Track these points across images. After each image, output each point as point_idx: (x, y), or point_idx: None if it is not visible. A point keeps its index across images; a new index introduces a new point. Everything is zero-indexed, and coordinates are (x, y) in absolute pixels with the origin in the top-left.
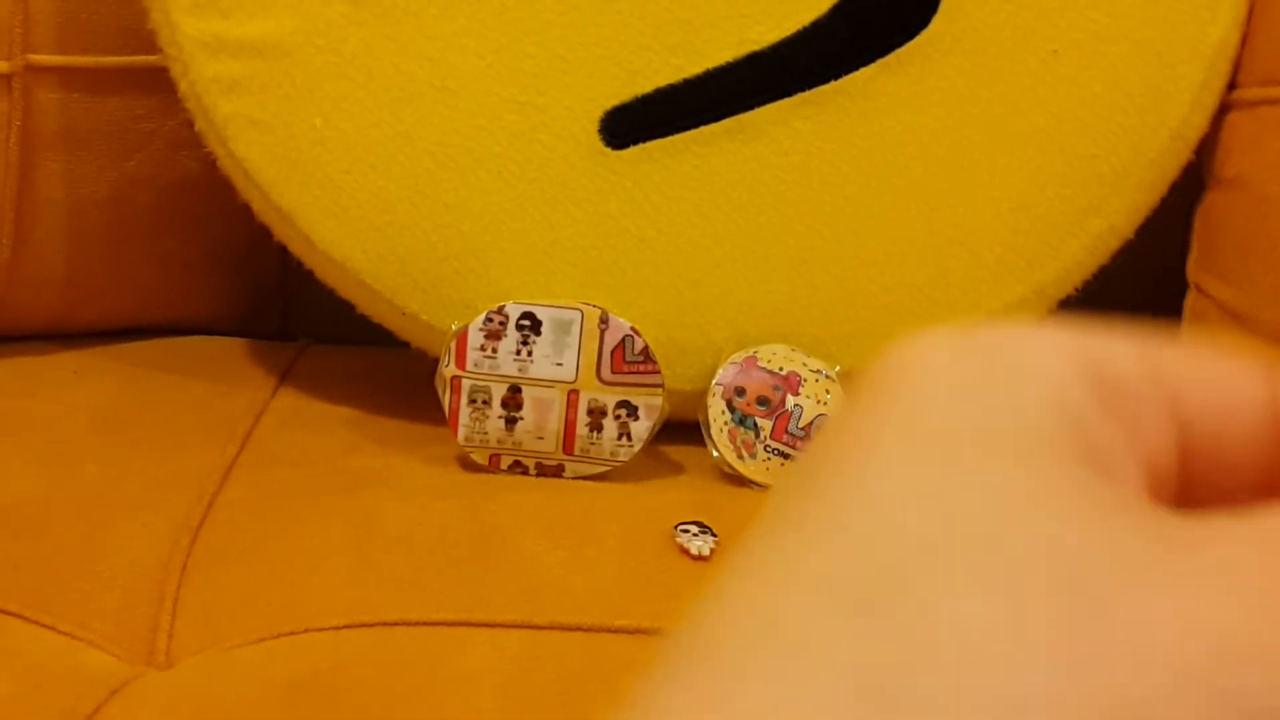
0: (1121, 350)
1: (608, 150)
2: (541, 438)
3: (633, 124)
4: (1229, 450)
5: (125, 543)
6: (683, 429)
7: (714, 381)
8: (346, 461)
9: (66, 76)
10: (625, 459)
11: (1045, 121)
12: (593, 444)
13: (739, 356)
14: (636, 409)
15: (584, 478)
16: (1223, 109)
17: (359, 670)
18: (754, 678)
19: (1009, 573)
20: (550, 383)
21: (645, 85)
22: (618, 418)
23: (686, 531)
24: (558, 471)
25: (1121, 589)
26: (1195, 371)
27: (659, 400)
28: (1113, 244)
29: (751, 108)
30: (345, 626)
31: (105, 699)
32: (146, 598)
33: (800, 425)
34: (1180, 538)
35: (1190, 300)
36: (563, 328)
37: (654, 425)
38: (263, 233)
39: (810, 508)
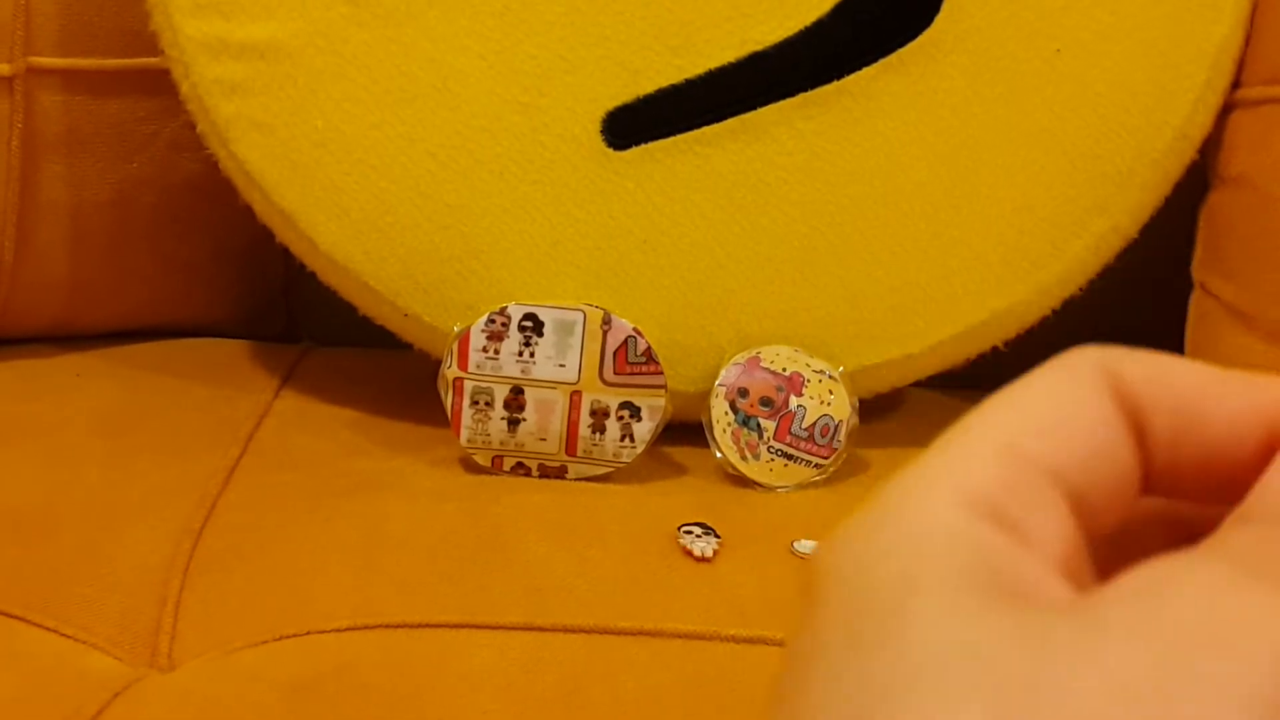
0: (994, 471)
1: (610, 151)
2: (544, 439)
3: (635, 124)
4: (1110, 497)
5: (128, 546)
6: (686, 430)
7: (717, 382)
8: (349, 464)
9: (68, 79)
10: (628, 460)
11: (1049, 121)
12: (595, 445)
13: (742, 357)
14: (639, 410)
15: (587, 479)
16: (1227, 108)
17: (362, 672)
18: None
19: (959, 693)
20: (553, 384)
21: (647, 85)
22: (620, 419)
23: (690, 533)
24: (560, 473)
25: (1042, 672)
26: (1060, 444)
27: (662, 401)
28: (1117, 244)
29: (754, 108)
30: (348, 629)
31: (108, 701)
32: (149, 600)
33: (804, 426)
34: (1082, 614)
35: (1195, 300)
36: (565, 329)
37: (657, 426)
38: (265, 234)
39: (797, 701)
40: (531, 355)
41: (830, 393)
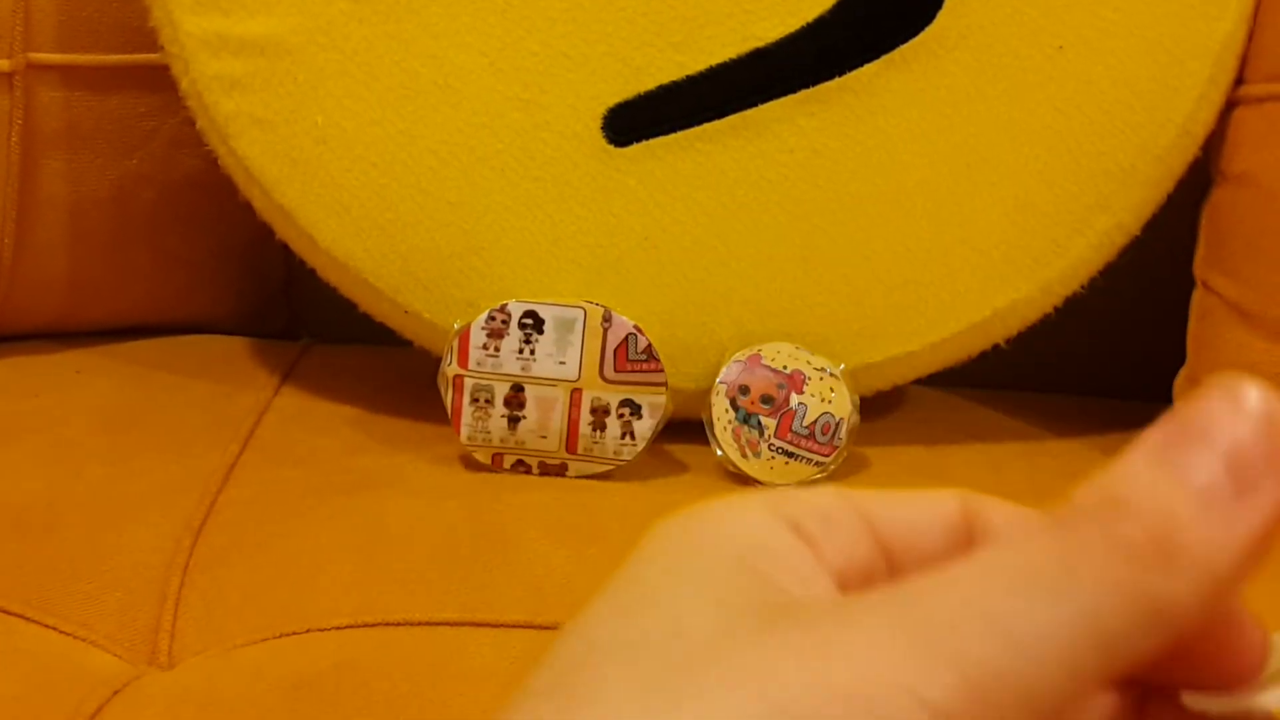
0: (818, 500)
1: (611, 148)
2: (544, 437)
3: (636, 121)
4: (928, 555)
5: (128, 543)
6: (686, 428)
7: (718, 380)
8: (349, 461)
9: (68, 75)
10: (629, 458)
11: (1051, 118)
12: (596, 443)
13: (743, 354)
14: (640, 408)
15: (587, 477)
16: (1230, 105)
17: (362, 670)
18: None
19: (730, 683)
20: (553, 381)
21: (649, 82)
22: (621, 416)
23: None
24: (561, 471)
25: (769, 656)
26: (886, 504)
27: (662, 399)
28: (1120, 241)
29: (755, 104)
30: (348, 626)
31: (108, 699)
32: (149, 598)
33: (805, 424)
34: (819, 615)
35: (1197, 297)
36: (565, 326)
37: (657, 424)
38: (265, 231)
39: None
40: (532, 352)
41: (831, 390)
